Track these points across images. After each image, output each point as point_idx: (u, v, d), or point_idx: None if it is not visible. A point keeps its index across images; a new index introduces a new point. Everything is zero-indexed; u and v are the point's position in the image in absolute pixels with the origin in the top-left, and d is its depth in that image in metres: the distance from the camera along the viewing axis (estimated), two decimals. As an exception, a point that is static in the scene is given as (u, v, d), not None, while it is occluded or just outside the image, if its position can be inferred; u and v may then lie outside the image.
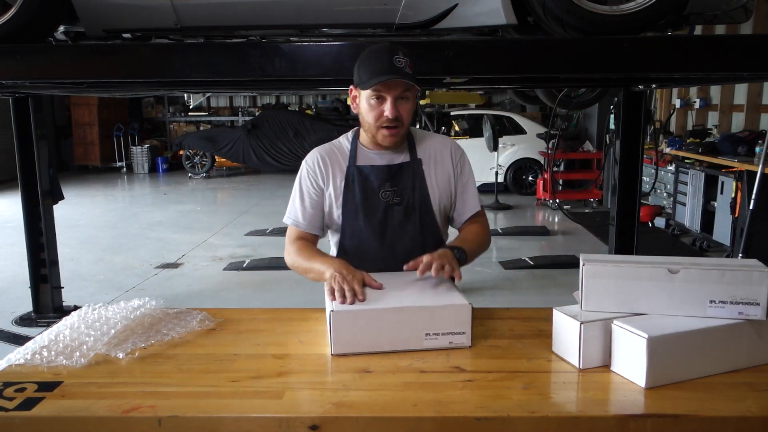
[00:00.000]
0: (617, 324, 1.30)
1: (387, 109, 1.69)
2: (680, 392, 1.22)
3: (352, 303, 1.45)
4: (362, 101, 1.74)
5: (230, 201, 10.38)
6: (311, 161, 1.85)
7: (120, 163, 13.85)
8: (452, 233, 1.92)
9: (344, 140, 1.87)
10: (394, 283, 1.59)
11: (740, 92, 7.37)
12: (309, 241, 1.83)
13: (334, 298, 1.48)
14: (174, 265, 5.94)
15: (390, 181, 1.79)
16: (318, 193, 1.82)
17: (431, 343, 1.43)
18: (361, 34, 2.95)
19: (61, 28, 2.84)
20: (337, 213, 1.81)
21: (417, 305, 1.44)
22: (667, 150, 7.46)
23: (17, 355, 1.40)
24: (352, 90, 1.78)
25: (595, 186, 8.82)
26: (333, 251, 1.89)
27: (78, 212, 8.79)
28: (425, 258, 1.56)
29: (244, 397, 1.22)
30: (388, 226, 1.79)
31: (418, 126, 7.78)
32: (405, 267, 1.59)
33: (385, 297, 1.50)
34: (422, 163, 1.81)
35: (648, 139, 6.60)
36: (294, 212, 1.84)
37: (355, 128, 1.87)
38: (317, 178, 1.82)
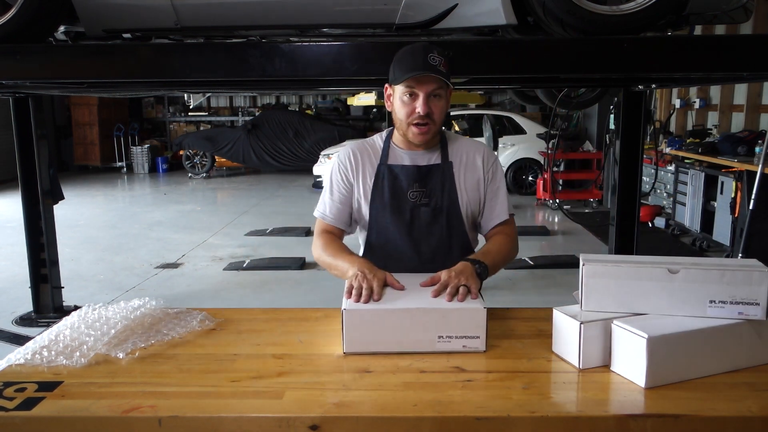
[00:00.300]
0: (617, 324, 1.30)
1: (419, 105, 1.69)
2: (680, 392, 1.22)
3: (367, 302, 1.44)
4: (395, 98, 1.75)
5: (230, 201, 10.38)
6: (343, 156, 1.87)
7: (120, 163, 13.86)
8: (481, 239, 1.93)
9: (378, 138, 1.89)
10: (416, 284, 1.58)
11: (740, 92, 7.37)
12: (335, 235, 1.84)
13: (350, 296, 1.48)
14: (174, 265, 5.94)
15: (419, 182, 1.80)
16: (347, 188, 1.84)
17: (444, 346, 1.41)
18: (361, 34, 2.95)
19: (61, 28, 2.84)
20: (365, 210, 1.82)
21: (429, 307, 1.43)
22: (667, 150, 7.46)
23: (17, 355, 1.40)
24: (387, 88, 1.79)
25: (595, 186, 8.82)
26: (361, 248, 1.90)
27: (78, 212, 8.80)
28: (442, 276, 1.54)
29: (244, 397, 1.22)
30: (414, 226, 1.80)
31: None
32: (421, 284, 1.57)
33: (402, 297, 1.49)
34: (453, 167, 1.82)
35: (648, 139, 6.60)
36: (323, 205, 1.86)
37: (390, 128, 1.89)
38: (347, 173, 1.84)
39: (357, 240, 1.94)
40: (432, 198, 1.80)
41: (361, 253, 1.88)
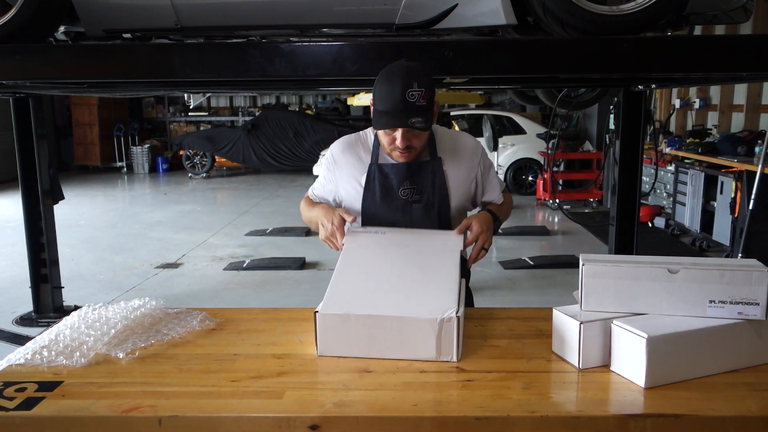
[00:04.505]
0: (617, 324, 1.30)
1: (398, 139, 1.72)
2: (680, 392, 1.22)
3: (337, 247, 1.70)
4: None
5: (230, 201, 10.38)
6: (333, 150, 1.93)
7: (120, 163, 13.85)
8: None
9: (370, 132, 1.91)
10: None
11: (740, 92, 7.37)
12: None
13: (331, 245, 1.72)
14: (174, 265, 5.94)
15: (409, 179, 1.83)
16: (331, 180, 1.92)
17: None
18: (361, 34, 2.95)
19: (61, 28, 2.84)
20: (357, 209, 1.86)
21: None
22: (667, 150, 7.47)
23: (17, 355, 1.40)
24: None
25: (595, 186, 8.83)
26: None
27: (78, 212, 8.80)
28: (474, 227, 1.74)
29: (244, 397, 1.22)
30: (405, 224, 1.84)
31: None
32: (457, 230, 1.75)
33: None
34: (443, 163, 1.84)
35: (648, 139, 6.60)
36: (314, 185, 2.00)
37: None
38: (332, 167, 1.91)
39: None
40: (423, 194, 1.83)
41: None
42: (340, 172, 1.89)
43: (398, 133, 1.70)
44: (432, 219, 1.84)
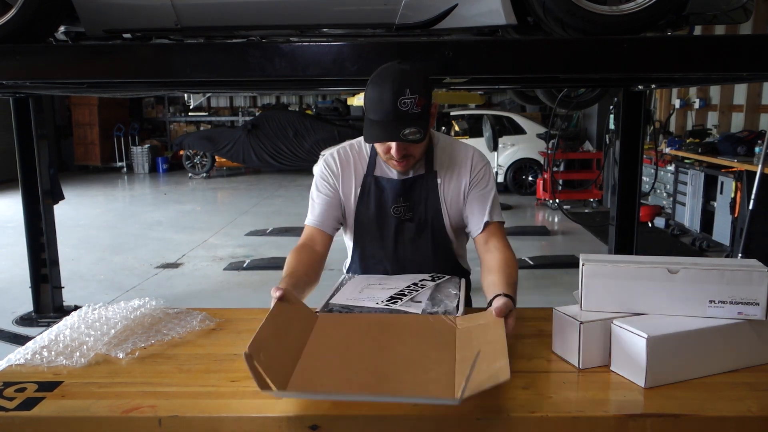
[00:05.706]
0: (617, 324, 1.30)
1: (393, 150, 1.61)
2: (680, 392, 1.22)
3: None
4: None
5: (230, 201, 10.38)
6: (328, 160, 1.81)
7: (120, 163, 13.86)
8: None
9: (365, 144, 1.79)
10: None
11: (740, 92, 7.37)
12: (319, 240, 1.73)
13: None
14: (174, 265, 5.94)
15: (403, 196, 1.73)
16: (331, 192, 1.77)
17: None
18: (361, 34, 2.95)
19: (62, 29, 2.84)
20: (350, 221, 1.79)
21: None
22: (667, 150, 7.47)
23: (17, 355, 1.40)
24: None
25: (595, 186, 8.83)
26: (348, 255, 1.90)
27: (78, 212, 8.79)
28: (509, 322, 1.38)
29: (244, 397, 1.22)
30: (398, 243, 1.76)
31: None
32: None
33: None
34: (437, 176, 1.73)
35: (648, 139, 6.60)
36: (309, 210, 1.79)
37: None
38: (330, 178, 1.78)
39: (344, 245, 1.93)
40: (416, 212, 1.73)
41: (348, 258, 1.89)
42: (339, 180, 1.77)
43: (393, 146, 1.60)
44: (426, 239, 1.74)
